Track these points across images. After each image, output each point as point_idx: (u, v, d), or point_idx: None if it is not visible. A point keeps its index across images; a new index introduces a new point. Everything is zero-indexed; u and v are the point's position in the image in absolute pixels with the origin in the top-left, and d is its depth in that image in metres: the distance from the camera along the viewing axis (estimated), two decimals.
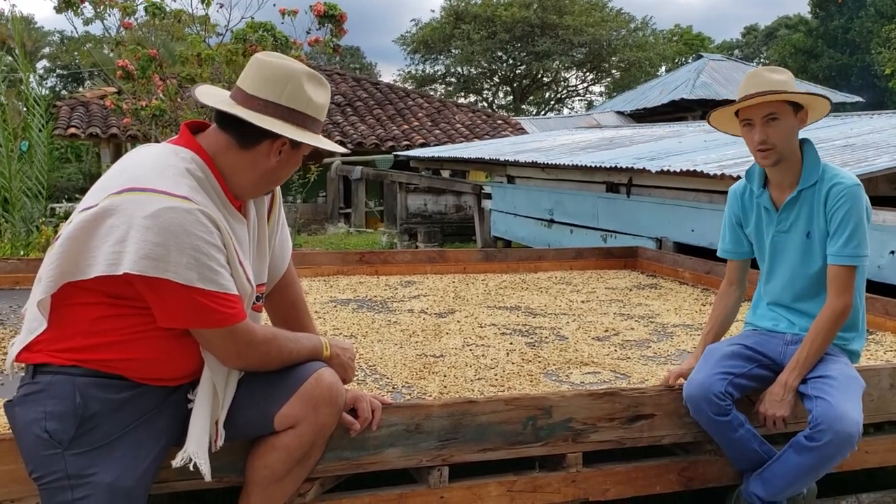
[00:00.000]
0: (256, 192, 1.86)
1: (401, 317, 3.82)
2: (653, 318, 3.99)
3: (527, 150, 9.07)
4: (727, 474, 2.40)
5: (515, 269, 5.27)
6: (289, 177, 1.92)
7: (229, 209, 1.79)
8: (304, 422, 1.86)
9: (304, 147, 1.84)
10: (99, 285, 1.64)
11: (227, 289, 1.69)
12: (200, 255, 1.62)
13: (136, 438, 1.72)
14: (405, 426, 2.09)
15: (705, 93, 18.78)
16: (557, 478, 2.26)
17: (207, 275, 1.63)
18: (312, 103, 1.81)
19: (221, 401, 1.79)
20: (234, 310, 1.70)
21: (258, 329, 1.78)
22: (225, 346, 1.73)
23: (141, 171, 1.67)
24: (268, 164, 1.80)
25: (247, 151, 1.78)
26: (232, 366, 1.78)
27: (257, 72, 1.79)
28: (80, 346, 1.68)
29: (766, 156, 2.29)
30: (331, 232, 13.18)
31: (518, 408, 2.19)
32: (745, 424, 2.24)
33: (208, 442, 1.76)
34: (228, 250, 1.71)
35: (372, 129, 15.87)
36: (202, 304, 1.64)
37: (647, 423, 2.32)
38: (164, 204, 1.61)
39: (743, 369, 2.29)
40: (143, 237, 1.58)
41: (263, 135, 1.76)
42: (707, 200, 5.74)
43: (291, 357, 1.84)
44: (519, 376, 2.88)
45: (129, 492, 1.67)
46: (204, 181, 1.72)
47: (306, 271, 4.88)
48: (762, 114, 2.25)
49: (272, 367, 1.82)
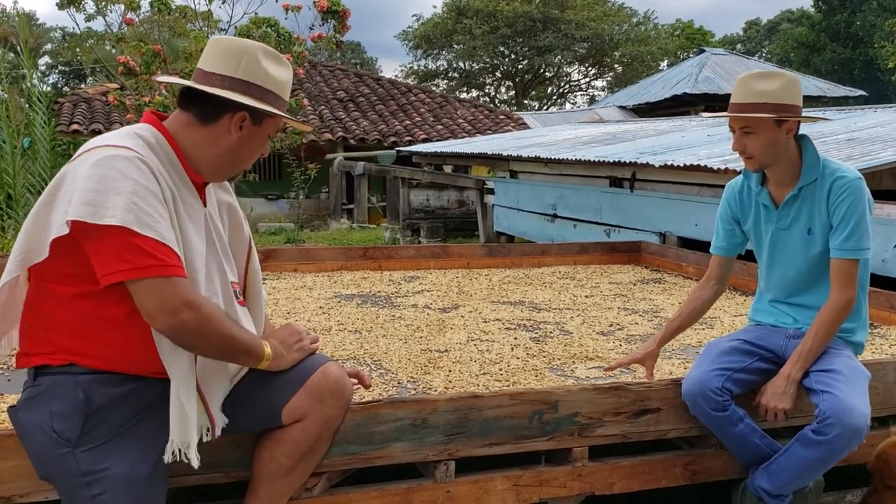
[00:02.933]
0: (219, 171, 1.83)
1: (405, 312, 3.83)
2: (657, 312, 3.99)
3: (530, 145, 9.06)
4: (733, 468, 2.41)
5: (519, 264, 5.27)
6: (253, 159, 1.88)
7: (186, 184, 1.77)
8: (311, 415, 1.86)
9: (267, 125, 1.83)
10: (67, 269, 1.64)
11: (166, 239, 1.60)
12: (138, 199, 1.59)
13: (144, 430, 1.72)
14: (411, 421, 2.09)
15: (708, 87, 18.73)
16: (563, 472, 2.26)
17: (145, 220, 1.59)
18: (270, 77, 1.80)
19: (197, 386, 1.72)
20: (173, 262, 1.61)
21: (202, 296, 1.67)
22: (160, 300, 1.58)
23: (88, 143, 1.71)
24: (228, 141, 1.78)
25: (206, 127, 1.77)
26: (164, 325, 1.60)
27: (213, 50, 1.80)
28: (73, 346, 1.67)
29: (747, 164, 2.32)
30: (333, 228, 13.18)
31: (524, 402, 2.19)
32: (744, 419, 2.25)
33: (197, 431, 1.72)
34: (170, 209, 1.67)
35: (374, 125, 15.86)
36: (138, 247, 1.56)
37: (652, 417, 2.32)
38: (105, 153, 1.62)
39: (742, 364, 2.29)
40: (83, 186, 1.58)
41: (223, 108, 1.76)
42: (711, 195, 5.73)
43: (232, 337, 1.70)
44: (524, 371, 2.88)
45: (146, 480, 1.67)
46: (156, 147, 1.71)
47: (310, 266, 4.88)
48: (739, 125, 2.26)
49: (209, 341, 1.66)
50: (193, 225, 1.77)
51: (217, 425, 1.78)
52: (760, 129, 2.24)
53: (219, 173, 1.85)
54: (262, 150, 1.88)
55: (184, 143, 1.77)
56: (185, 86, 1.79)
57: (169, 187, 1.69)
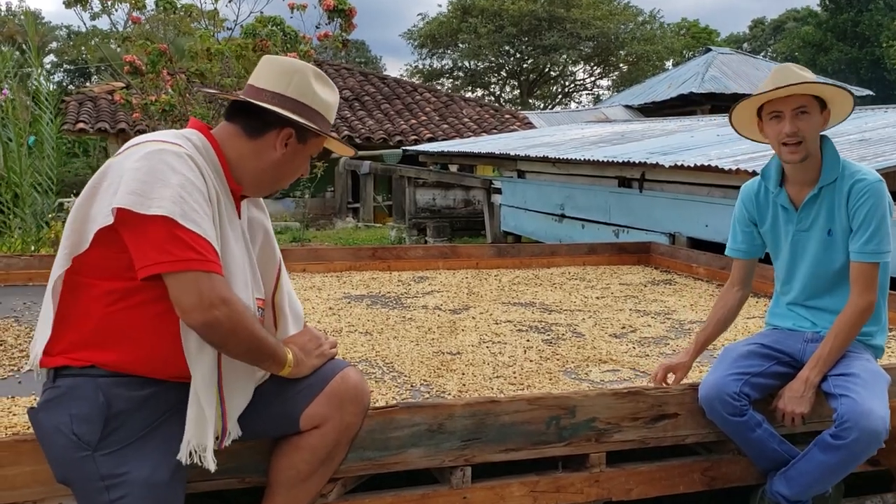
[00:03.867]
0: (260, 186, 1.84)
1: (415, 313, 3.80)
2: (669, 314, 3.96)
3: (537, 145, 9.04)
4: (751, 473, 2.38)
5: (528, 265, 5.25)
6: (294, 178, 1.89)
7: (226, 192, 1.77)
8: (330, 421, 1.84)
9: (311, 144, 1.84)
10: (103, 262, 1.63)
11: (209, 235, 1.60)
12: (185, 193, 1.59)
13: (164, 434, 1.70)
14: (427, 426, 2.07)
15: (714, 86, 18.65)
16: (580, 478, 2.24)
17: (190, 214, 1.58)
18: (319, 98, 1.82)
19: (217, 387, 1.70)
20: (213, 258, 1.60)
21: (237, 296, 1.66)
22: (198, 294, 1.57)
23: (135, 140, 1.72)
24: (273, 156, 1.80)
25: (253, 141, 1.79)
26: (198, 320, 1.59)
27: (265, 67, 1.83)
28: (96, 346, 1.66)
29: (794, 150, 2.24)
30: (339, 227, 13.17)
31: (541, 407, 2.17)
32: (762, 424, 2.22)
33: (213, 432, 1.69)
34: (214, 209, 1.67)
35: (380, 124, 15.83)
36: (180, 239, 1.56)
37: (670, 423, 2.30)
38: (154, 147, 1.63)
39: (760, 368, 2.26)
40: (131, 177, 1.58)
41: (270, 123, 1.78)
42: (721, 195, 5.70)
43: (261, 340, 1.69)
44: (538, 374, 2.85)
45: (166, 485, 1.66)
46: (202, 150, 1.72)
47: (318, 267, 4.86)
48: (792, 106, 2.21)
49: (239, 340, 1.65)
50: (232, 232, 1.77)
51: (228, 435, 1.76)
52: (813, 111, 2.21)
53: (259, 187, 1.85)
54: (303, 169, 1.90)
55: (228, 153, 1.79)
56: (235, 99, 1.81)
57: (214, 189, 1.70)
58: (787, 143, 2.24)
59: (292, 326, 1.98)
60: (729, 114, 2.43)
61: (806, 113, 2.22)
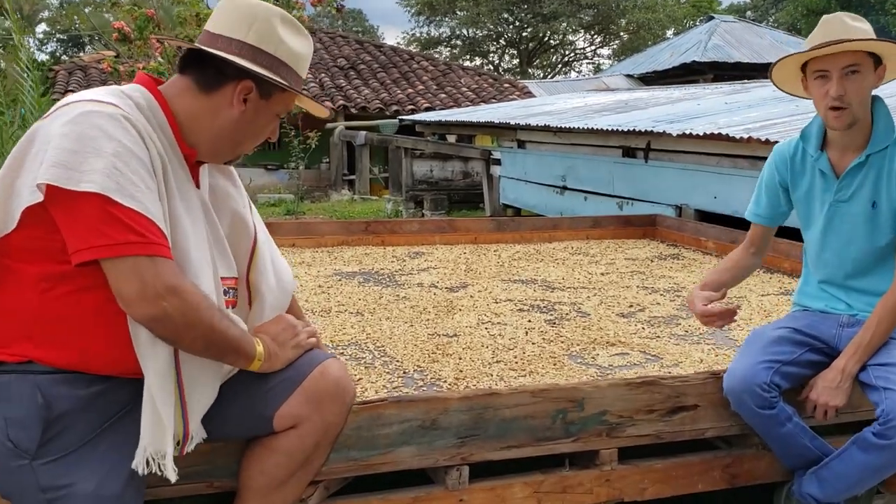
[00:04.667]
0: (218, 150, 1.59)
1: (410, 291, 3.58)
2: (678, 291, 3.74)
3: (537, 114, 8.75)
4: (776, 470, 2.17)
5: (529, 239, 5.01)
6: (259, 141, 1.63)
7: (178, 158, 1.52)
8: (308, 421, 1.62)
9: (277, 101, 1.58)
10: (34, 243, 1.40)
11: (151, 214, 1.37)
12: (121, 163, 1.36)
13: (115, 438, 1.48)
14: (420, 422, 1.85)
15: (717, 55, 18.30)
16: (590, 476, 2.02)
17: (128, 189, 1.35)
18: (285, 46, 1.56)
19: (176, 385, 1.48)
20: (158, 239, 1.38)
21: (189, 282, 1.43)
22: (141, 283, 1.34)
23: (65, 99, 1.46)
24: (231, 114, 1.54)
25: (206, 96, 1.53)
26: (143, 313, 1.36)
27: (223, 10, 1.56)
28: (33, 339, 1.43)
29: (839, 116, 1.98)
30: (334, 199, 12.91)
31: (546, 400, 1.95)
32: (793, 418, 2.00)
33: (173, 437, 1.47)
34: (159, 181, 1.43)
35: (376, 93, 15.52)
36: (118, 219, 1.33)
37: (689, 415, 2.08)
38: (84, 108, 1.38)
39: (791, 355, 2.04)
40: (57, 146, 1.34)
41: (226, 77, 1.52)
42: (730, 165, 5.44)
43: (221, 332, 1.46)
44: (541, 359, 2.63)
45: (118, 499, 1.44)
46: (146, 110, 1.47)
47: (309, 242, 4.63)
48: (841, 65, 1.96)
49: (195, 334, 1.42)
50: (184, 204, 1.52)
51: (191, 439, 1.53)
52: (865, 70, 1.96)
53: (217, 152, 1.60)
54: (268, 131, 1.63)
55: (179, 112, 1.53)
56: (187, 47, 1.54)
57: (159, 156, 1.45)
58: (834, 108, 1.99)
59: (270, 308, 1.74)
60: (770, 70, 2.16)
61: (856, 73, 1.96)
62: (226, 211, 1.69)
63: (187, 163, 1.55)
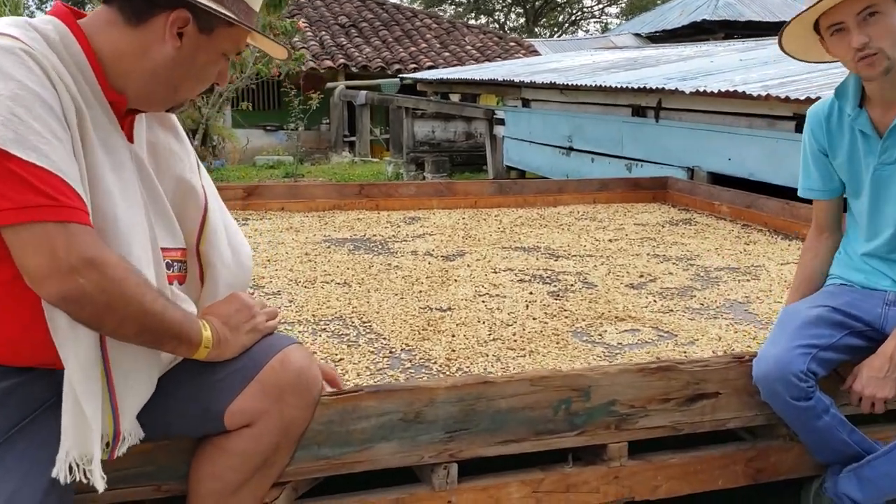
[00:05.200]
0: (150, 95, 1.32)
1: (402, 260, 3.32)
2: (692, 259, 3.48)
3: (543, 71, 8.40)
4: (806, 463, 1.93)
5: (533, 203, 4.74)
6: (203, 85, 1.36)
7: (102, 106, 1.26)
8: (265, 418, 1.38)
9: (221, 37, 1.31)
10: None
11: (62, 171, 1.12)
12: (22, 108, 1.10)
13: (33, 440, 1.25)
14: (402, 415, 1.61)
15: (728, 13, 17.78)
16: (596, 474, 1.79)
17: (30, 139, 1.10)
18: None
19: (104, 376, 1.24)
20: (71, 202, 1.13)
21: (112, 253, 1.19)
22: (49, 255, 1.11)
23: None
24: (164, 51, 1.27)
25: (135, 29, 1.26)
26: (53, 292, 1.13)
27: None
28: None
29: (871, 61, 1.69)
30: (335, 161, 12.59)
31: (548, 388, 1.70)
32: (830, 409, 1.76)
33: (102, 437, 1.25)
34: (73, 131, 1.18)
35: (377, 52, 15.11)
36: (18, 177, 1.09)
37: (709, 404, 1.84)
38: None
39: (830, 339, 1.78)
40: None
41: (155, 5, 1.25)
42: (746, 125, 5.14)
43: (155, 314, 1.21)
44: (542, 336, 2.39)
45: None
46: (58, 46, 1.20)
47: (299, 205, 4.36)
48: (855, 10, 1.67)
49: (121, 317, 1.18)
50: (110, 160, 1.25)
51: (123, 440, 1.29)
52: (885, 8, 1.66)
53: (149, 98, 1.32)
54: (213, 73, 1.35)
55: (102, 49, 1.25)
56: None
57: (74, 101, 1.19)
58: (862, 56, 1.70)
59: (225, 286, 1.49)
60: (778, 37, 1.86)
61: (876, 13, 1.67)
62: (169, 172, 1.43)
63: (115, 111, 1.29)
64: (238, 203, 4.23)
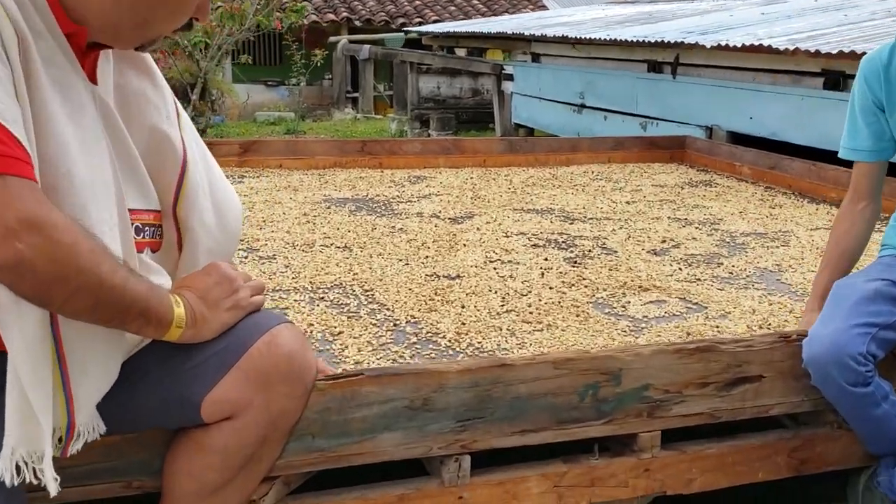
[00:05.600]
0: (116, 29, 1.09)
1: (407, 222, 3.11)
2: (715, 223, 3.26)
3: (554, 25, 8.08)
4: (854, 454, 1.75)
5: (544, 162, 4.50)
6: (178, 22, 1.13)
7: (58, 40, 1.04)
8: (249, 410, 1.19)
9: None
10: None
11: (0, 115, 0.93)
12: None
13: None
14: (408, 402, 1.42)
15: None
16: (625, 466, 1.60)
17: None
18: None
19: (56, 360, 1.04)
20: (11, 152, 0.94)
21: (61, 215, 0.98)
22: None
23: None
24: None
25: None
26: None
27: None
28: None
29: None
30: (337, 118, 12.29)
31: (573, 372, 1.51)
32: (890, 396, 1.57)
33: (53, 431, 1.06)
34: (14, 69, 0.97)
35: (381, 5, 14.71)
36: None
37: (751, 389, 1.64)
38: None
39: (891, 316, 1.58)
40: None
41: None
42: (770, 82, 4.88)
43: (114, 287, 1.02)
44: (560, 308, 2.18)
45: None
46: None
47: (298, 163, 4.13)
48: None
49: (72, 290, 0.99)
50: (65, 103, 1.04)
51: (78, 435, 1.09)
52: None
53: (115, 31, 1.10)
54: (190, 6, 1.12)
55: None
56: None
57: (18, 30, 0.97)
58: None
59: (207, 254, 1.28)
60: None
61: None
62: (140, 120, 1.21)
63: (73, 46, 1.07)
64: (234, 160, 4.01)
